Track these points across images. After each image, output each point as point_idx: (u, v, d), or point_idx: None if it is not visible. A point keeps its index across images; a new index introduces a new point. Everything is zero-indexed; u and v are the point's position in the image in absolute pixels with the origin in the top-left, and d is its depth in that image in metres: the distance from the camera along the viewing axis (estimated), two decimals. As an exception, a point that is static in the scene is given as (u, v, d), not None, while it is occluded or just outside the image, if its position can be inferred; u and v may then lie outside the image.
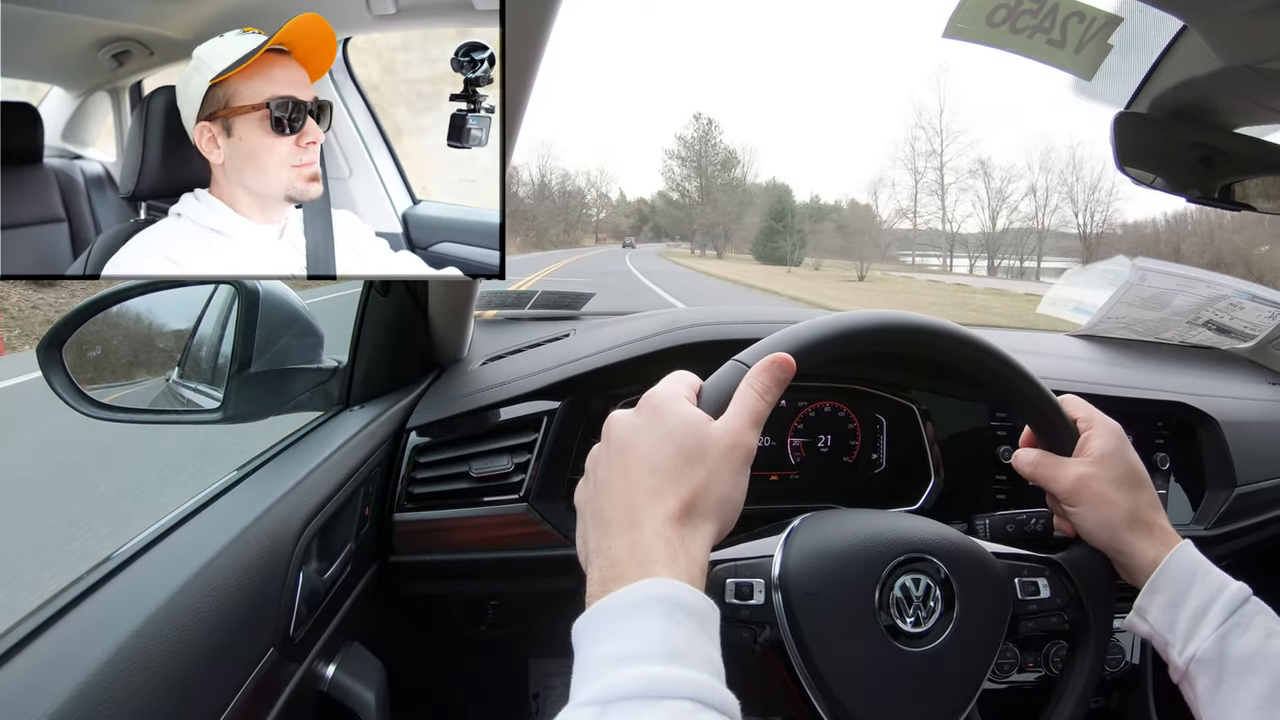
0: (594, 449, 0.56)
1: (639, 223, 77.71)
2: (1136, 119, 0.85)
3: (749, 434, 0.53)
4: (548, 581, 0.99)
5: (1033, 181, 46.21)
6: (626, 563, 0.46)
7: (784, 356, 0.57)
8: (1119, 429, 0.69)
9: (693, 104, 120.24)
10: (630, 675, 0.40)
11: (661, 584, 0.44)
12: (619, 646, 0.42)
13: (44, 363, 0.85)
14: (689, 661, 0.42)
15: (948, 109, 50.97)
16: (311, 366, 1.03)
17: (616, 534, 0.48)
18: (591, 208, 75.99)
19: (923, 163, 46.10)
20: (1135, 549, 0.64)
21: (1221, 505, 1.11)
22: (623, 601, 0.44)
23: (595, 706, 0.39)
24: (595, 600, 0.45)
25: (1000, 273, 43.06)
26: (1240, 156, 0.87)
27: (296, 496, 0.76)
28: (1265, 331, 1.41)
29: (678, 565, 0.46)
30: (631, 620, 0.43)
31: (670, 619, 0.43)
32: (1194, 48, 0.74)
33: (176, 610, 0.56)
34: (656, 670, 0.40)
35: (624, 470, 0.51)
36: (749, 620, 0.63)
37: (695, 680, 0.41)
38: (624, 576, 0.45)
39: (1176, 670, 0.62)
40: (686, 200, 70.82)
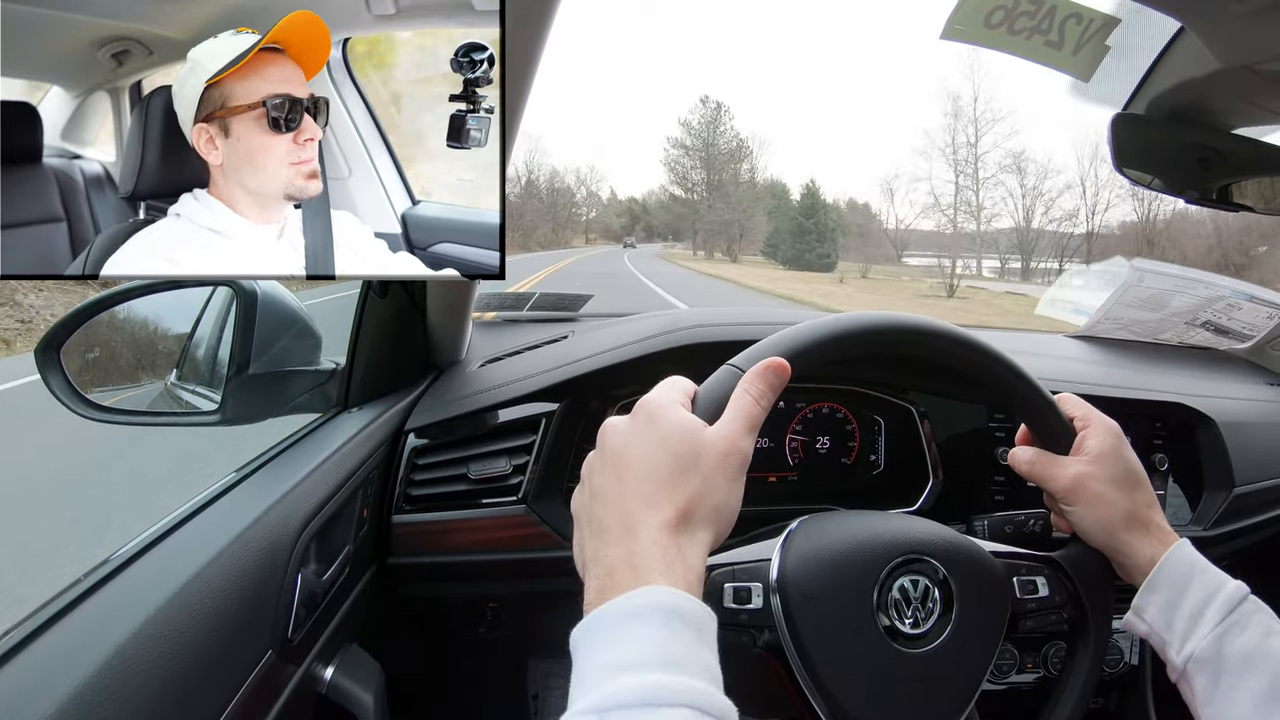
0: (589, 456, 0.55)
1: (630, 222, 74.41)
2: (1134, 120, 0.85)
3: (744, 440, 0.53)
4: (546, 583, 0.99)
5: (1081, 174, 40.98)
6: (623, 571, 0.46)
7: (779, 361, 0.57)
8: (1117, 428, 0.69)
9: (695, 92, 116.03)
10: (629, 684, 0.40)
11: (659, 592, 0.44)
12: (617, 655, 0.42)
13: (42, 365, 0.85)
14: (687, 669, 0.42)
15: (982, 94, 43.62)
16: (310, 368, 1.02)
17: (613, 542, 0.48)
18: (581, 206, 72.20)
19: (962, 154, 40.55)
20: (1133, 548, 0.64)
21: (1220, 506, 1.12)
22: (620, 610, 0.44)
23: (594, 715, 0.39)
24: (593, 608, 0.45)
25: (1034, 276, 38.82)
26: (1238, 157, 0.87)
27: (295, 498, 0.76)
28: (1263, 332, 1.41)
29: (674, 573, 0.46)
30: (629, 628, 0.43)
31: (668, 627, 0.43)
32: (1191, 49, 0.74)
33: (175, 612, 0.56)
34: (655, 678, 0.40)
35: (619, 478, 0.51)
36: (748, 624, 0.63)
37: (694, 688, 0.40)
38: (621, 585, 0.45)
39: (1174, 669, 0.62)
40: (692, 194, 63.32)
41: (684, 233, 67.31)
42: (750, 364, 0.57)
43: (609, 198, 76.67)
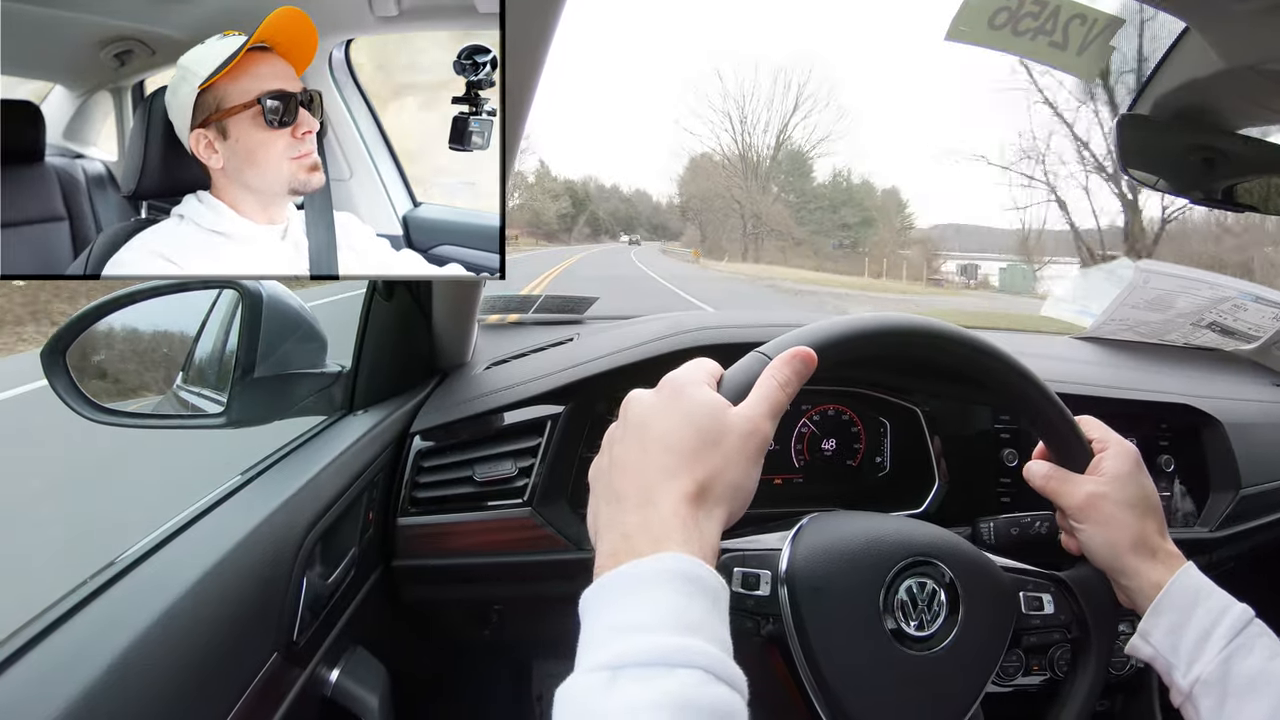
0: (611, 426, 0.56)
1: (572, 210, 57.26)
2: (1139, 121, 0.85)
3: (767, 423, 0.53)
4: (551, 586, 0.99)
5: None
6: (640, 537, 0.46)
7: (807, 351, 0.57)
8: (1135, 452, 0.68)
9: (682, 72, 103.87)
10: (644, 643, 0.40)
11: (677, 558, 0.45)
12: (632, 616, 0.42)
13: (47, 367, 0.85)
14: (702, 634, 0.42)
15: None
16: (315, 371, 1.03)
17: (630, 509, 0.48)
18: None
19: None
20: (1138, 571, 0.64)
21: (1226, 507, 1.11)
22: (637, 573, 0.44)
23: (606, 671, 0.39)
24: (605, 571, 0.45)
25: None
26: (1243, 157, 0.87)
27: (300, 501, 0.76)
28: (1269, 333, 1.41)
29: (691, 544, 0.46)
30: (646, 591, 0.43)
31: (684, 593, 0.43)
32: (1196, 49, 0.74)
33: (180, 614, 0.56)
34: (672, 640, 0.40)
35: (641, 448, 0.51)
36: (754, 610, 0.64)
37: (708, 652, 0.41)
38: (636, 550, 0.45)
39: (1179, 693, 0.61)
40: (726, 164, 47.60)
41: (635, 225, 57.60)
42: (778, 351, 0.57)
43: (538, 173, 56.78)
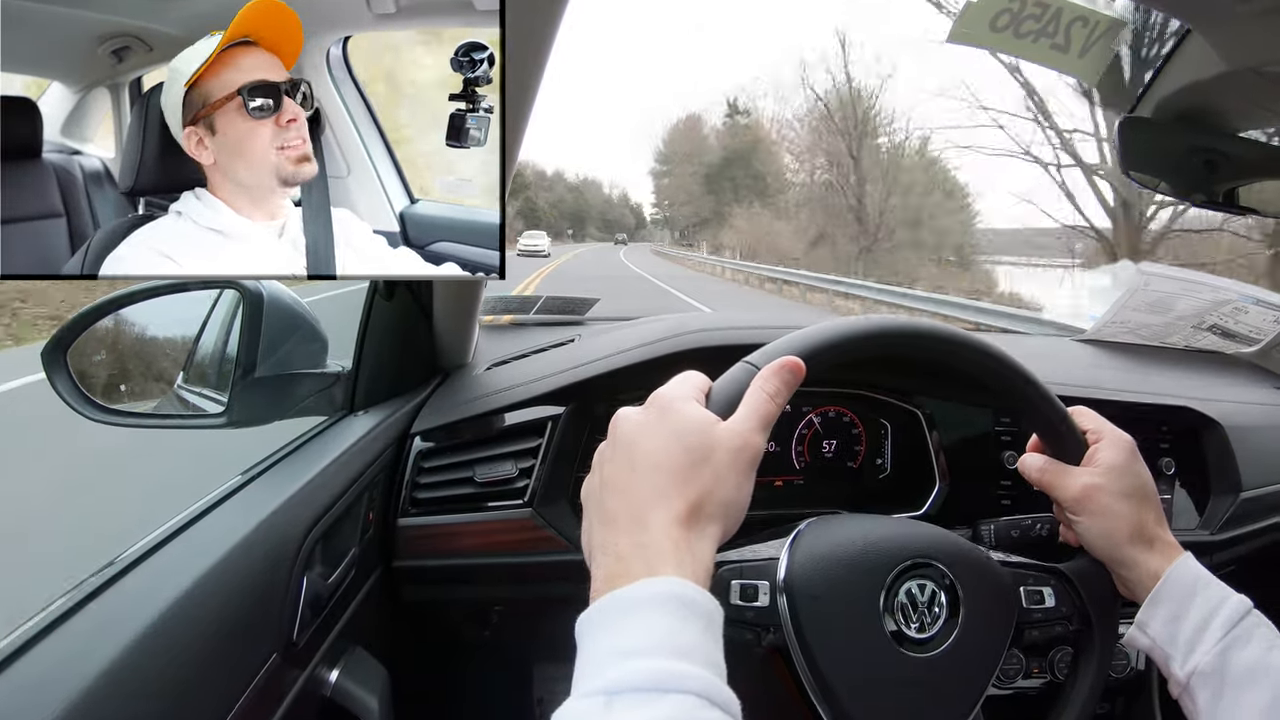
0: (601, 445, 0.56)
1: (523, 205, 47.50)
2: (1141, 123, 0.85)
3: (757, 436, 0.53)
4: (552, 587, 0.99)
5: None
6: (633, 560, 0.46)
7: (794, 360, 0.57)
8: (1130, 442, 0.68)
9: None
10: (638, 668, 0.40)
11: (670, 582, 0.45)
12: (627, 640, 0.42)
13: (48, 366, 0.85)
14: (696, 659, 0.42)
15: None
16: (315, 371, 1.03)
17: (623, 531, 0.49)
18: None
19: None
20: (1136, 561, 0.64)
21: (1227, 510, 1.11)
22: (631, 597, 0.44)
23: (601, 697, 0.39)
24: (601, 595, 0.45)
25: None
26: (1246, 161, 0.87)
27: (300, 501, 0.76)
28: (1270, 336, 1.41)
29: (684, 566, 0.46)
30: (640, 615, 0.43)
31: (678, 616, 0.43)
32: (1198, 51, 0.74)
33: (180, 614, 0.56)
34: (665, 664, 0.41)
35: (630, 468, 0.51)
36: (753, 622, 0.63)
37: (701, 677, 0.41)
38: (631, 573, 0.45)
39: (1177, 684, 0.61)
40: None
41: (586, 221, 53.55)
42: (766, 361, 0.57)
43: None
